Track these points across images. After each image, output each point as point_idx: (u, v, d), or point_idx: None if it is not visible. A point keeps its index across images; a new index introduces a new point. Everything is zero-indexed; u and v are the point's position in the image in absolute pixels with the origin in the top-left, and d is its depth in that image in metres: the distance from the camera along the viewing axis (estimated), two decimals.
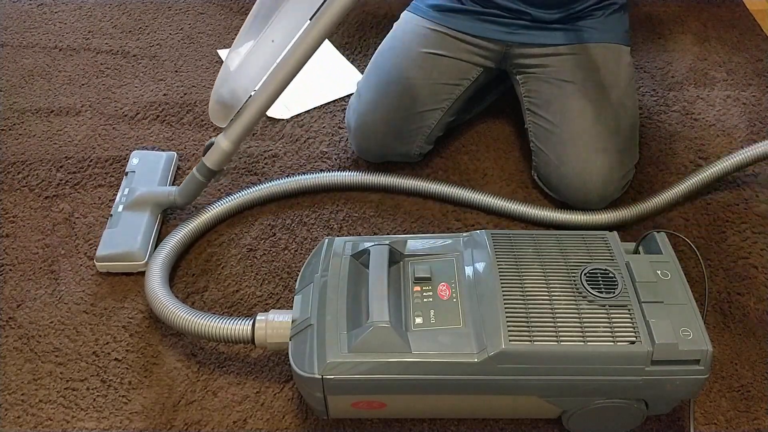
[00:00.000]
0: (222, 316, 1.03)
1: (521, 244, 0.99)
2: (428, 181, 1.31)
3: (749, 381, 1.07)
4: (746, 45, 1.67)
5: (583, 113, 1.24)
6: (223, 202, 1.26)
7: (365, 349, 0.89)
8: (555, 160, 1.26)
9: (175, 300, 1.06)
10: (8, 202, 1.31)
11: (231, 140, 1.12)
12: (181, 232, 1.20)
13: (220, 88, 1.08)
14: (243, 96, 1.09)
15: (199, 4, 1.77)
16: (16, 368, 1.08)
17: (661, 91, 1.55)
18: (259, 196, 1.29)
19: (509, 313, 0.90)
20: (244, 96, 1.09)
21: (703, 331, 0.89)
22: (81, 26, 1.71)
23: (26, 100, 1.52)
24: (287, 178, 1.31)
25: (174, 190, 1.24)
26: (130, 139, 1.44)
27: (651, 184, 1.35)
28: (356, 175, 1.31)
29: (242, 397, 1.05)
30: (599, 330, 0.89)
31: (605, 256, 0.97)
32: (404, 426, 1.02)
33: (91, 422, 1.02)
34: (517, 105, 1.37)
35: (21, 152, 1.41)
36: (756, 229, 1.28)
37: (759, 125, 1.47)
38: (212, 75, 1.58)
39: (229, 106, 1.10)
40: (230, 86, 1.08)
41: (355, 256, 1.00)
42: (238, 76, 1.07)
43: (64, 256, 1.23)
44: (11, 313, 1.15)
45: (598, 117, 1.24)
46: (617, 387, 0.91)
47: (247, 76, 1.08)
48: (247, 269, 1.22)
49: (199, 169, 1.17)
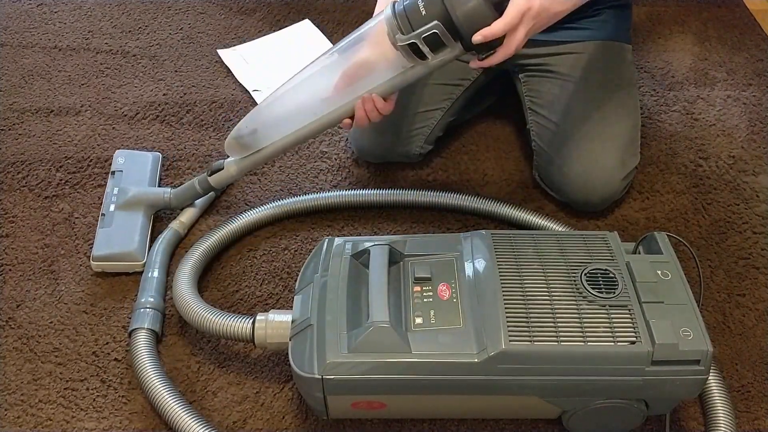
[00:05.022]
0: (225, 312, 1.03)
1: (521, 244, 0.99)
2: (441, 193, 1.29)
3: (749, 381, 1.07)
4: (746, 45, 1.67)
5: (586, 113, 1.24)
6: (255, 213, 1.25)
7: (365, 349, 0.89)
8: (557, 161, 1.25)
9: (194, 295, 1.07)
10: (8, 202, 1.31)
11: (240, 169, 1.19)
12: (210, 240, 1.19)
13: (243, 130, 1.14)
14: (264, 143, 1.16)
15: (199, 4, 1.77)
16: (16, 368, 1.08)
17: (661, 91, 1.55)
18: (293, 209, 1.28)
19: (509, 313, 0.90)
20: (264, 143, 1.16)
21: (703, 332, 0.89)
22: (81, 26, 1.71)
23: (26, 99, 1.52)
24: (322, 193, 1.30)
25: (168, 191, 1.25)
26: (130, 139, 1.44)
27: (652, 184, 1.35)
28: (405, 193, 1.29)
29: (242, 398, 1.05)
30: (599, 330, 0.89)
31: (605, 256, 0.97)
32: (404, 426, 1.02)
33: (91, 422, 1.02)
34: (517, 105, 1.37)
35: (21, 152, 1.40)
36: (756, 229, 1.28)
37: (759, 125, 1.47)
38: (212, 75, 1.58)
39: (247, 146, 1.16)
40: (254, 129, 1.14)
41: (355, 256, 1.00)
42: (266, 123, 1.14)
43: (63, 256, 1.23)
44: (11, 313, 1.15)
45: (600, 117, 1.24)
46: (617, 387, 0.91)
47: (274, 127, 1.15)
48: (247, 269, 1.21)
49: (201, 183, 1.22)
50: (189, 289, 1.08)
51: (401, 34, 0.97)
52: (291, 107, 1.14)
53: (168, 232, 1.22)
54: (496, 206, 1.26)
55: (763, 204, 1.32)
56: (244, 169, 1.19)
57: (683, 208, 1.32)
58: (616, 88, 1.26)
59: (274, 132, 1.15)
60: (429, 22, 0.95)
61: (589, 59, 1.27)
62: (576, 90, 1.26)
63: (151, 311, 1.09)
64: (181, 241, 1.24)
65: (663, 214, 1.30)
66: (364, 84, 1.08)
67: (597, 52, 1.28)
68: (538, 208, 1.30)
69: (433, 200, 1.28)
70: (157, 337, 1.08)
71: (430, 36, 0.96)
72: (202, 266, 1.16)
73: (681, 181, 1.36)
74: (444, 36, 0.96)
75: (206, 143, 1.43)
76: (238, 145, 1.17)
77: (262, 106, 1.15)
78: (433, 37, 0.96)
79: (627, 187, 1.29)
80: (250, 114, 1.15)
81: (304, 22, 1.71)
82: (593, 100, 1.25)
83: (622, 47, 1.31)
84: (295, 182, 1.36)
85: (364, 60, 1.08)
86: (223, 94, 1.53)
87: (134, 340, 1.05)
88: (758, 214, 1.30)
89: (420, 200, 1.28)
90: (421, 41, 0.97)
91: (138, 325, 1.07)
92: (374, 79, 1.08)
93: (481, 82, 1.36)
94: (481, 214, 1.27)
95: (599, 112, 1.24)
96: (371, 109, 1.08)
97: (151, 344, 1.05)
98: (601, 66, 1.28)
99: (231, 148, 1.18)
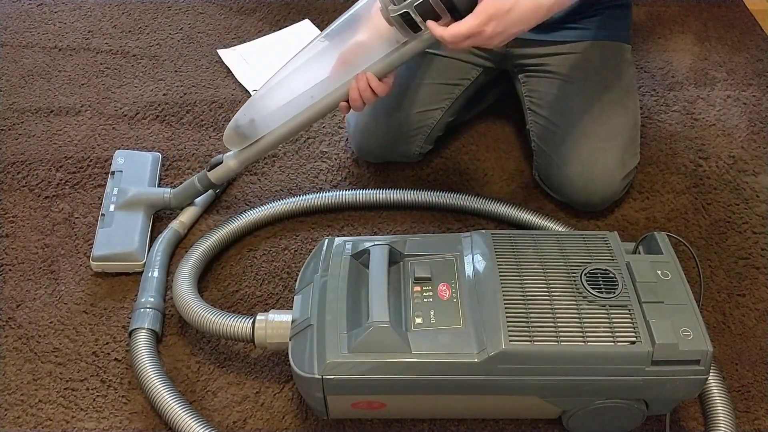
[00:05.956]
0: (225, 312, 1.03)
1: (521, 244, 0.99)
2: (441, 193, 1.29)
3: (749, 381, 1.07)
4: (746, 45, 1.67)
5: (585, 113, 1.24)
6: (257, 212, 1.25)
7: (365, 349, 0.89)
8: (557, 161, 1.25)
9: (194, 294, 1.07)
10: (8, 202, 1.31)
11: (240, 162, 1.19)
12: (210, 240, 1.19)
13: (241, 120, 1.13)
14: (262, 132, 1.15)
15: (199, 4, 1.77)
16: (16, 368, 1.08)
17: (661, 91, 1.55)
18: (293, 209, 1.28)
19: (509, 313, 0.90)
20: (263, 132, 1.15)
21: (703, 332, 0.88)
22: (81, 26, 1.71)
23: (26, 99, 1.52)
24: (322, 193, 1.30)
25: (168, 191, 1.25)
26: (130, 139, 1.44)
27: (652, 183, 1.35)
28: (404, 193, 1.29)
29: (242, 398, 1.05)
30: (599, 330, 0.89)
31: (605, 256, 0.97)
32: (404, 426, 1.02)
33: (91, 422, 1.02)
34: (517, 105, 1.37)
35: (21, 152, 1.40)
36: (756, 229, 1.28)
37: (759, 125, 1.47)
38: (212, 75, 1.58)
39: (246, 137, 1.16)
40: (252, 119, 1.14)
41: (355, 256, 1.00)
42: (263, 112, 1.13)
43: (63, 256, 1.23)
44: (11, 313, 1.15)
45: (600, 117, 1.24)
46: (617, 387, 0.91)
47: (271, 115, 1.14)
48: (247, 269, 1.21)
49: (201, 180, 1.22)
50: (189, 289, 1.08)
51: (393, 5, 0.97)
52: (287, 93, 1.12)
53: (168, 232, 1.22)
54: (496, 206, 1.26)
55: (763, 204, 1.32)
56: (244, 161, 1.19)
57: (683, 208, 1.32)
58: (615, 88, 1.26)
59: (272, 120, 1.14)
60: None
61: (589, 59, 1.27)
62: (575, 90, 1.26)
63: (151, 311, 1.09)
64: (181, 241, 1.24)
65: (663, 214, 1.30)
66: (359, 64, 1.07)
67: (596, 52, 1.28)
68: (538, 208, 1.30)
69: (433, 200, 1.28)
70: (157, 337, 1.08)
71: (422, 3, 0.96)
72: (202, 266, 1.16)
73: (681, 181, 1.36)
74: (436, 4, 0.95)
75: (206, 143, 1.43)
76: (237, 135, 1.15)
77: (258, 94, 1.14)
78: (424, 5, 0.96)
79: (627, 187, 1.29)
80: (247, 103, 1.14)
81: (304, 22, 1.71)
82: (593, 100, 1.25)
83: (622, 47, 1.31)
84: (295, 182, 1.36)
85: (357, 39, 1.07)
86: (223, 94, 1.53)
87: (134, 340, 1.05)
88: (758, 214, 1.30)
89: (420, 200, 1.28)
90: (413, 10, 0.96)
91: (138, 325, 1.07)
92: (369, 58, 1.07)
93: (480, 82, 1.36)
94: (481, 214, 1.27)
95: (599, 112, 1.24)
96: (365, 89, 1.07)
97: (151, 344, 1.05)
98: (601, 66, 1.27)
99: (230, 140, 1.16)
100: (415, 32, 1.00)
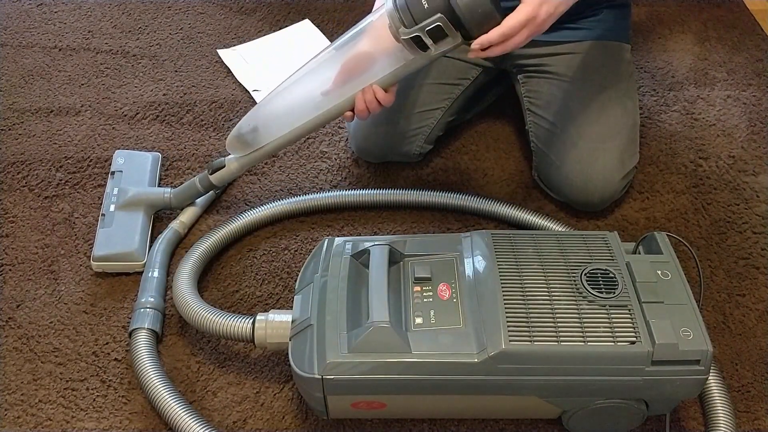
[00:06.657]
0: (225, 312, 1.03)
1: (521, 244, 0.99)
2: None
3: (749, 381, 1.07)
4: (746, 45, 1.67)
5: (584, 113, 1.24)
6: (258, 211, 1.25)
7: (365, 349, 0.89)
8: (556, 161, 1.25)
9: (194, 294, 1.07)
10: (8, 202, 1.31)
11: (242, 165, 1.19)
12: (210, 240, 1.19)
13: (244, 128, 1.15)
14: (265, 140, 1.16)
15: (199, 4, 1.77)
16: (16, 368, 1.08)
17: (661, 91, 1.55)
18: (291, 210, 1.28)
19: (509, 313, 0.90)
20: (266, 140, 1.16)
21: (703, 332, 0.88)
22: (81, 26, 1.71)
23: (26, 100, 1.52)
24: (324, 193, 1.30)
25: (169, 191, 1.25)
26: (130, 139, 1.44)
27: (651, 183, 1.35)
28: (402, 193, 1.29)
29: (242, 398, 1.05)
30: (599, 330, 0.89)
31: (605, 256, 0.97)
32: (404, 426, 1.02)
33: (91, 422, 1.02)
34: (517, 105, 1.37)
35: (21, 152, 1.40)
36: (756, 229, 1.28)
37: (759, 125, 1.47)
38: (212, 75, 1.58)
39: (249, 144, 1.17)
40: (255, 127, 1.15)
41: (355, 256, 1.00)
42: (266, 121, 1.15)
43: (63, 256, 1.23)
44: (11, 313, 1.15)
45: (599, 117, 1.24)
46: (617, 387, 0.91)
47: (275, 124, 1.15)
48: (247, 269, 1.21)
49: (202, 181, 1.22)
50: (189, 289, 1.08)
51: (404, 28, 0.98)
52: (291, 103, 1.14)
53: (168, 232, 1.22)
54: (496, 206, 1.26)
55: (763, 204, 1.32)
56: (246, 165, 1.20)
57: (683, 208, 1.32)
58: (615, 88, 1.26)
59: (275, 129, 1.15)
60: (432, 15, 0.96)
61: (588, 59, 1.27)
62: (575, 90, 1.26)
63: (152, 311, 1.09)
64: (182, 241, 1.24)
65: (663, 214, 1.30)
66: (364, 76, 1.08)
67: (596, 52, 1.28)
68: (538, 208, 1.30)
69: (433, 200, 1.28)
70: (157, 337, 1.08)
71: (434, 29, 0.96)
72: (202, 266, 1.16)
73: (681, 181, 1.36)
74: (447, 28, 0.96)
75: (206, 143, 1.43)
76: (240, 143, 1.17)
77: (262, 103, 1.16)
78: (436, 30, 0.97)
79: (626, 187, 1.29)
80: (251, 112, 1.16)
81: (304, 22, 1.71)
82: (592, 100, 1.25)
83: (621, 47, 1.31)
84: (295, 182, 1.36)
85: (364, 52, 1.08)
86: (223, 94, 1.53)
87: (134, 340, 1.05)
88: (758, 214, 1.30)
89: (420, 200, 1.28)
90: (425, 34, 0.97)
91: (138, 325, 1.07)
92: (375, 71, 1.08)
93: (480, 82, 1.36)
94: (481, 214, 1.27)
95: (598, 112, 1.24)
96: (371, 100, 1.08)
97: (151, 344, 1.05)
98: (600, 66, 1.27)
99: (232, 147, 1.18)
100: (424, 51, 1.01)
